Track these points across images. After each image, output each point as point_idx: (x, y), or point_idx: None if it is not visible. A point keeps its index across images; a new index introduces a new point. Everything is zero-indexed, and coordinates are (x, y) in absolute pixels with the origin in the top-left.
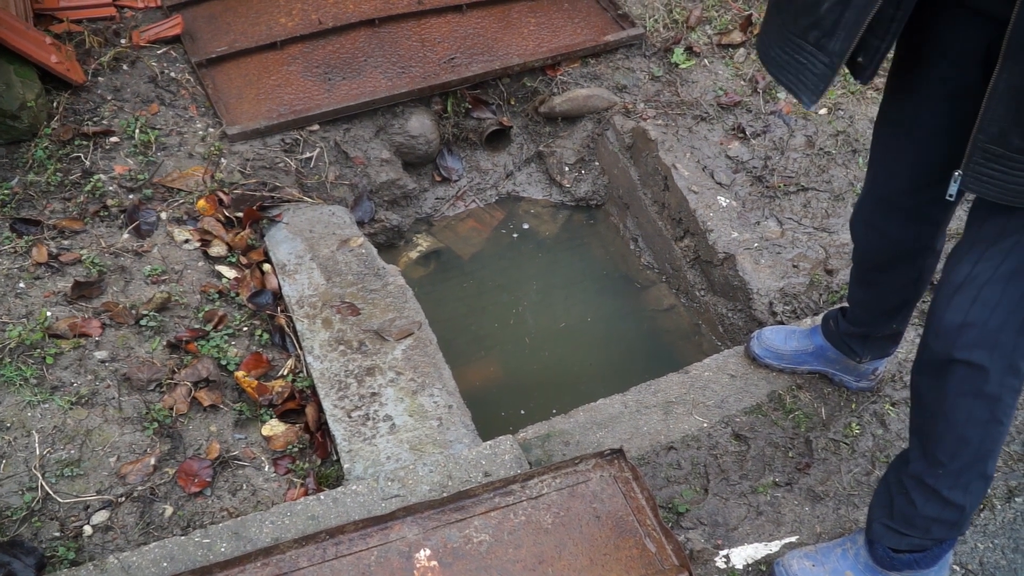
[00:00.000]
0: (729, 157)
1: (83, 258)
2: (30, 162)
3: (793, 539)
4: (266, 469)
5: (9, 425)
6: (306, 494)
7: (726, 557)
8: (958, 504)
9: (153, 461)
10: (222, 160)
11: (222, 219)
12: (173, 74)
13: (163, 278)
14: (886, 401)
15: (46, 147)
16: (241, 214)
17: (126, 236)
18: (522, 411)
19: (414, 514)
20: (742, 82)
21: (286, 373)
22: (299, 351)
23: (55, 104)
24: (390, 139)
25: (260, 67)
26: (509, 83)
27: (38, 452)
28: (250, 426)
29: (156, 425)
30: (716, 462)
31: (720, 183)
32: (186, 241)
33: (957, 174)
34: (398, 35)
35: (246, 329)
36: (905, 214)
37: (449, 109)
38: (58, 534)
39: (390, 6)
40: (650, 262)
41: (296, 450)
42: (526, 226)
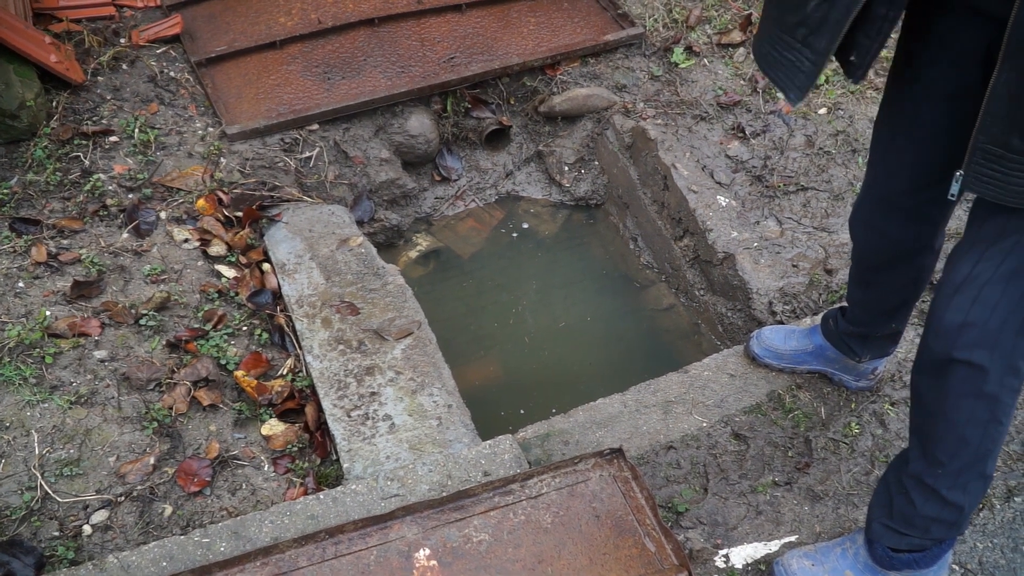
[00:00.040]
0: (729, 157)
1: (82, 257)
2: (29, 161)
3: (792, 538)
4: (265, 468)
5: (8, 424)
6: (305, 493)
7: (725, 556)
8: (957, 504)
9: (152, 460)
10: (221, 159)
11: (221, 218)
12: (172, 73)
13: (162, 277)
14: (885, 401)
15: (45, 146)
16: (240, 213)
17: (125, 235)
18: (521, 410)
19: (413, 513)
20: (742, 82)
21: (285, 372)
22: (298, 350)
23: (54, 103)
24: (389, 138)
25: (260, 67)
26: (509, 82)
27: (37, 451)
28: (249, 425)
29: (155, 425)
30: (715, 462)
31: (720, 183)
32: (185, 240)
33: (958, 174)
34: (397, 34)
35: (245, 328)
36: (905, 214)
37: (448, 108)
38: (57, 534)
39: (389, 5)
40: (649, 261)
41: (295, 449)
42: (526, 225)
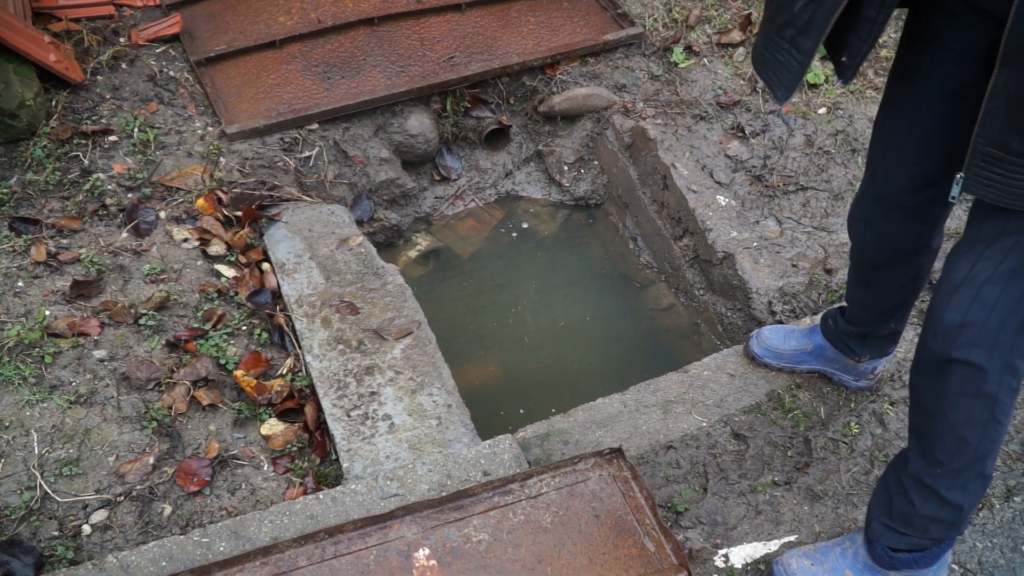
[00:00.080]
0: (728, 156)
1: (82, 257)
2: (29, 161)
3: (792, 538)
4: (265, 468)
5: (8, 424)
6: (305, 493)
7: (725, 556)
8: (956, 504)
9: (152, 460)
10: (221, 159)
11: (221, 218)
12: (172, 73)
13: (162, 277)
14: (885, 400)
15: (45, 146)
16: (240, 213)
17: (125, 235)
18: (521, 410)
19: (413, 513)
20: (741, 81)
21: (285, 372)
22: (298, 350)
23: (54, 103)
24: (389, 138)
25: (259, 66)
26: (508, 82)
27: (37, 451)
28: (249, 425)
29: (155, 424)
30: (715, 461)
31: (719, 182)
32: (185, 240)
33: (959, 177)
34: (397, 34)
35: (245, 328)
36: (904, 213)
37: (448, 108)
38: (57, 533)
39: (389, 5)
40: (649, 261)
41: (295, 449)
42: (525, 225)
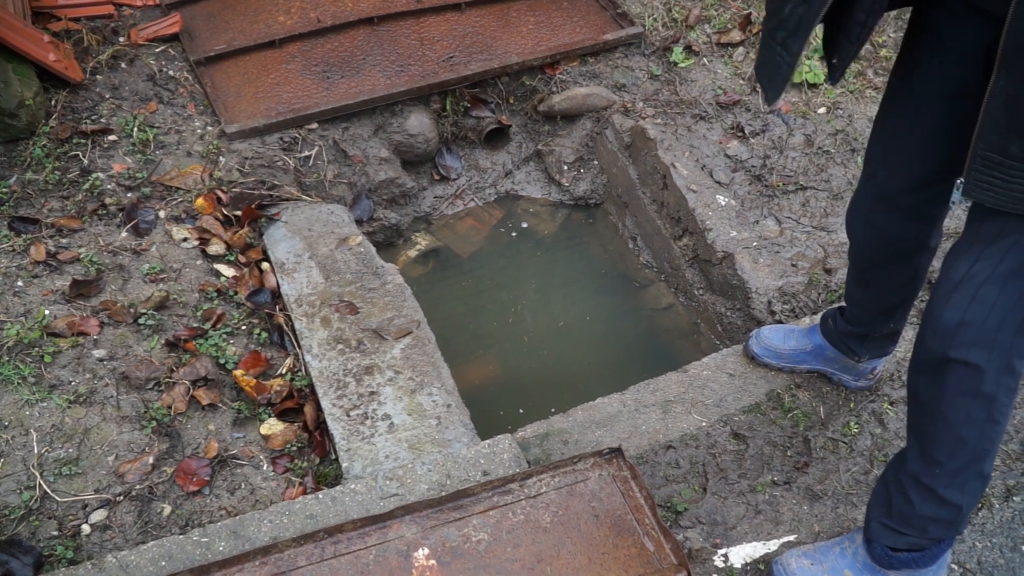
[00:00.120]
0: (728, 156)
1: (81, 256)
2: (28, 160)
3: (791, 538)
4: (264, 468)
5: (7, 424)
6: (304, 493)
7: (724, 556)
8: (955, 503)
9: (151, 460)
10: (220, 158)
11: (220, 217)
12: (171, 72)
13: (161, 276)
14: (884, 400)
15: (44, 145)
16: (240, 212)
17: (124, 234)
18: (521, 410)
19: (412, 513)
20: (741, 81)
21: (285, 372)
22: (298, 350)
23: (53, 102)
24: (389, 138)
25: (259, 65)
26: (508, 82)
27: (36, 451)
28: (248, 425)
29: (154, 424)
30: (715, 461)
31: (719, 182)
32: (184, 239)
33: (959, 182)
34: (397, 34)
35: (244, 328)
36: (903, 212)
37: (448, 108)
38: (56, 533)
39: (389, 4)
40: (649, 261)
41: (294, 449)
42: (525, 225)
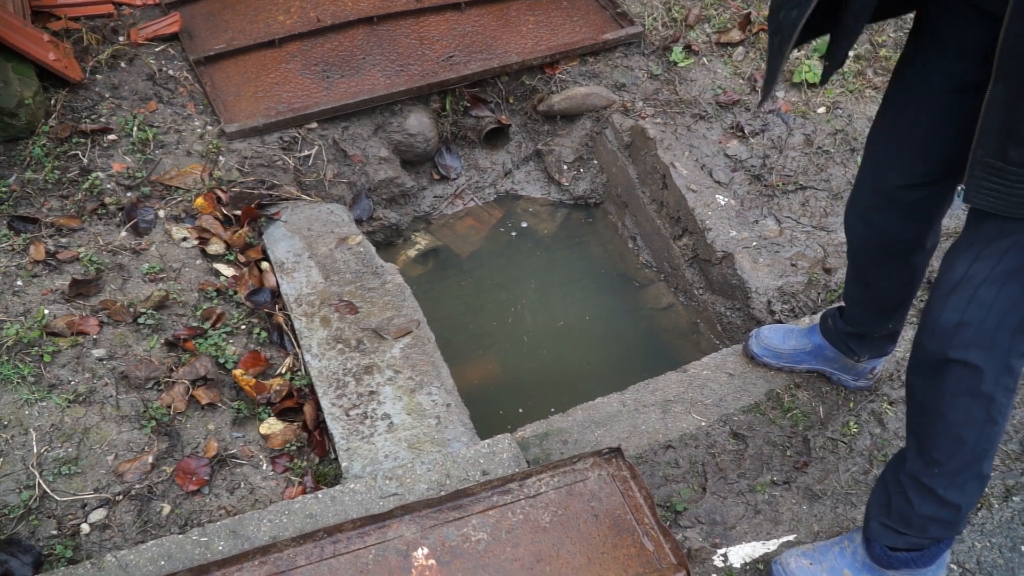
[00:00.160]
0: (728, 156)
1: (81, 256)
2: (28, 160)
3: (791, 538)
4: (264, 467)
5: (6, 423)
6: (304, 492)
7: (724, 556)
8: (954, 503)
9: (151, 459)
10: (220, 158)
11: (220, 217)
12: (171, 72)
13: (161, 276)
14: (884, 400)
15: (44, 145)
16: (239, 212)
17: (124, 234)
18: (520, 410)
19: (412, 513)
20: (741, 81)
21: (284, 371)
22: (297, 349)
23: (53, 102)
24: (388, 137)
25: (258, 65)
26: (508, 81)
27: (35, 450)
28: (248, 424)
29: (154, 423)
30: (714, 461)
31: (719, 182)
32: (184, 239)
33: (960, 188)
34: (397, 33)
35: (244, 327)
36: (901, 209)
37: (448, 107)
38: (55, 532)
39: (388, 4)
40: (648, 261)
41: (294, 448)
42: (524, 224)
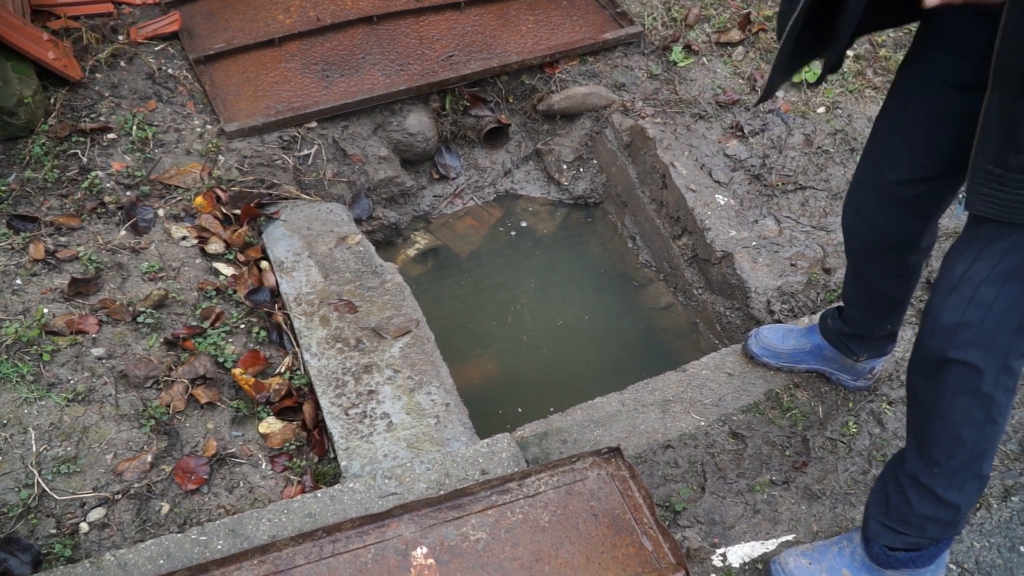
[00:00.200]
0: (727, 155)
1: (80, 255)
2: (27, 159)
3: (790, 537)
4: (263, 466)
5: (5, 422)
6: (303, 492)
7: (723, 555)
8: (953, 503)
9: (150, 458)
10: (220, 157)
11: (220, 216)
12: (171, 71)
13: (160, 275)
14: (883, 400)
15: (43, 144)
16: (239, 211)
17: (123, 233)
18: (519, 409)
19: (411, 512)
20: (740, 80)
21: (283, 370)
22: (296, 348)
23: (52, 101)
24: (388, 137)
25: (258, 64)
26: (507, 81)
27: (34, 449)
28: (247, 423)
29: (153, 422)
30: (713, 460)
31: (718, 181)
32: (183, 238)
33: (962, 195)
34: (396, 32)
35: (243, 326)
36: (899, 205)
37: (447, 107)
38: (54, 531)
39: (388, 3)
40: (648, 260)
41: (293, 448)
42: (524, 224)
